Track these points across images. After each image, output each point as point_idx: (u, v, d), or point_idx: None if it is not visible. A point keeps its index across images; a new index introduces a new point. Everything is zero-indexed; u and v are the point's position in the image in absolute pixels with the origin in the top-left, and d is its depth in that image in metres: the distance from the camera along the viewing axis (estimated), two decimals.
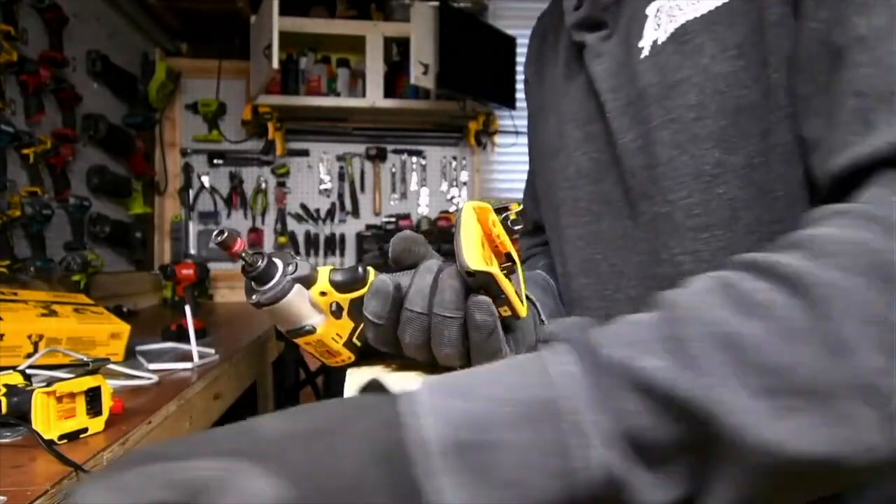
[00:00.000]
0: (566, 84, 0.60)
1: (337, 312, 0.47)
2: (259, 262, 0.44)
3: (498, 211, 0.47)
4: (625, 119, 0.50)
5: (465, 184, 3.15)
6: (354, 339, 0.50)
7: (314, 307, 0.45)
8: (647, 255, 0.50)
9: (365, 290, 0.46)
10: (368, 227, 3.00)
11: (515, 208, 0.47)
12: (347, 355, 0.50)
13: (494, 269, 0.40)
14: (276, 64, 2.27)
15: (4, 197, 1.69)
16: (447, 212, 3.08)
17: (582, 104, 0.57)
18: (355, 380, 0.50)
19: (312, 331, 0.46)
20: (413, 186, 3.12)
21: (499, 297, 0.41)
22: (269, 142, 2.91)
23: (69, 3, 2.01)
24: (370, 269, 0.47)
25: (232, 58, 2.90)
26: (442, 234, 2.98)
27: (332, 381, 1.86)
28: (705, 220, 0.45)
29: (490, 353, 0.42)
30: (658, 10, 0.48)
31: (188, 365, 1.21)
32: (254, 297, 0.44)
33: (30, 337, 1.07)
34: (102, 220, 2.21)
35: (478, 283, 0.41)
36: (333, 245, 3.02)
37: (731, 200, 0.44)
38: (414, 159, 3.12)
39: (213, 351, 1.32)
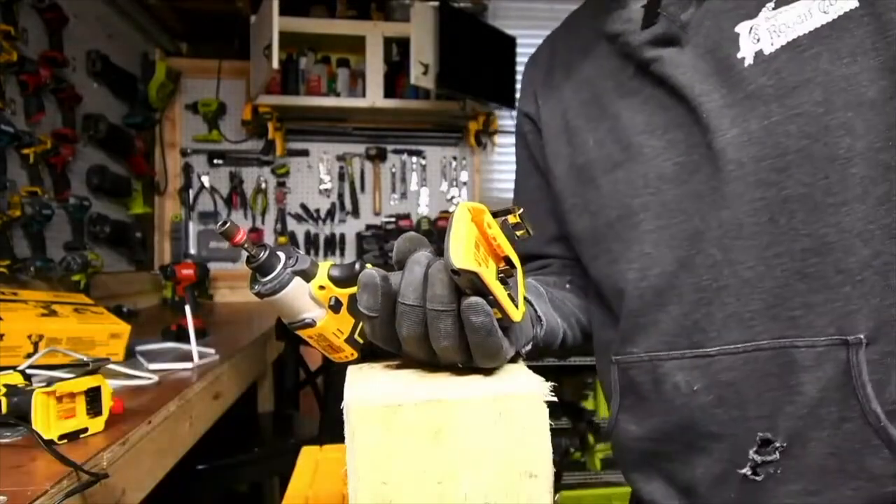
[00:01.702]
0: (624, 99, 0.65)
1: (336, 307, 0.47)
2: (261, 254, 0.44)
3: (496, 214, 0.47)
4: (725, 118, 0.56)
5: (465, 184, 3.15)
6: (356, 336, 0.50)
7: (314, 301, 0.46)
8: (767, 237, 0.55)
9: None
10: (368, 227, 3.00)
11: (517, 212, 0.48)
12: (350, 352, 0.51)
13: (482, 269, 0.40)
14: (276, 64, 2.27)
15: (4, 197, 1.69)
16: (447, 212, 3.08)
17: (656, 114, 0.62)
18: (356, 378, 0.50)
19: (312, 324, 0.47)
20: (413, 186, 3.12)
21: (487, 297, 0.41)
22: (269, 142, 2.91)
23: (69, 3, 2.01)
24: (368, 265, 0.47)
25: (232, 58, 2.91)
26: (442, 234, 2.97)
27: (332, 381, 1.86)
28: (843, 196, 0.52)
29: (491, 353, 0.44)
30: (752, 28, 0.56)
31: (188, 365, 1.21)
32: (255, 287, 0.45)
33: (30, 337, 1.07)
34: (102, 220, 2.21)
35: (464, 283, 0.41)
36: (333, 245, 3.02)
37: (863, 178, 0.51)
38: (414, 159, 3.12)
39: (213, 351, 1.32)
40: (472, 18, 2.80)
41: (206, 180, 2.97)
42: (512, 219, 0.47)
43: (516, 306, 0.45)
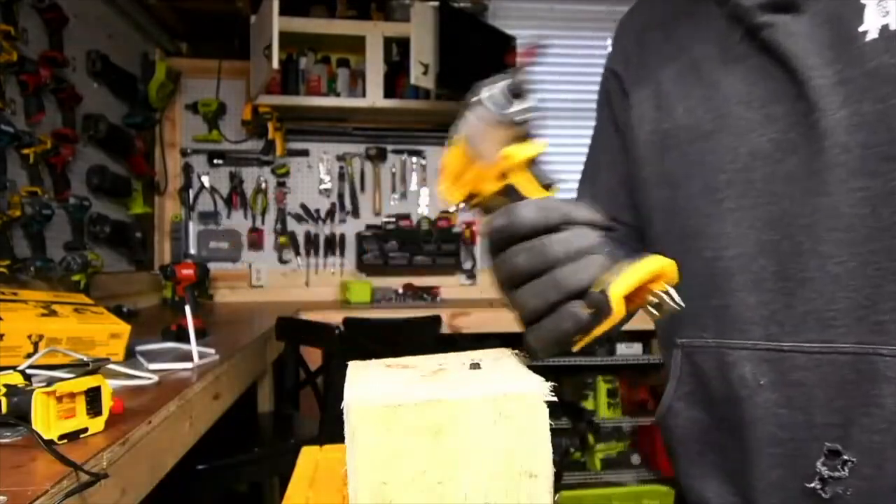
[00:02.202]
0: (727, 66, 0.59)
1: (500, 178, 0.46)
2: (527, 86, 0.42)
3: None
4: (836, 97, 0.51)
5: None
6: (473, 191, 0.48)
7: (496, 149, 0.44)
8: (864, 231, 0.51)
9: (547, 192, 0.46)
10: (368, 227, 3.00)
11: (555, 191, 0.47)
12: (458, 194, 0.50)
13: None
14: (276, 64, 2.27)
15: (4, 197, 1.69)
16: (447, 212, 3.08)
17: (759, 84, 0.56)
18: (356, 377, 0.50)
19: (475, 159, 0.45)
20: (413, 186, 3.12)
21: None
22: (269, 142, 2.91)
23: (69, 3, 2.01)
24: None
25: (232, 58, 2.90)
26: (442, 234, 2.98)
27: (332, 381, 1.86)
28: None
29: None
30: (880, 0, 0.50)
31: (188, 365, 1.21)
32: (510, 108, 0.42)
33: (30, 337, 1.07)
34: (102, 220, 2.21)
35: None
36: (333, 245, 3.02)
37: None
38: (414, 159, 3.12)
39: (213, 351, 1.32)
40: (472, 18, 2.80)
41: (206, 180, 2.97)
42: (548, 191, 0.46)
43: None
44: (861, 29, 0.51)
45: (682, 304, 0.44)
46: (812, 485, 0.53)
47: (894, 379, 0.49)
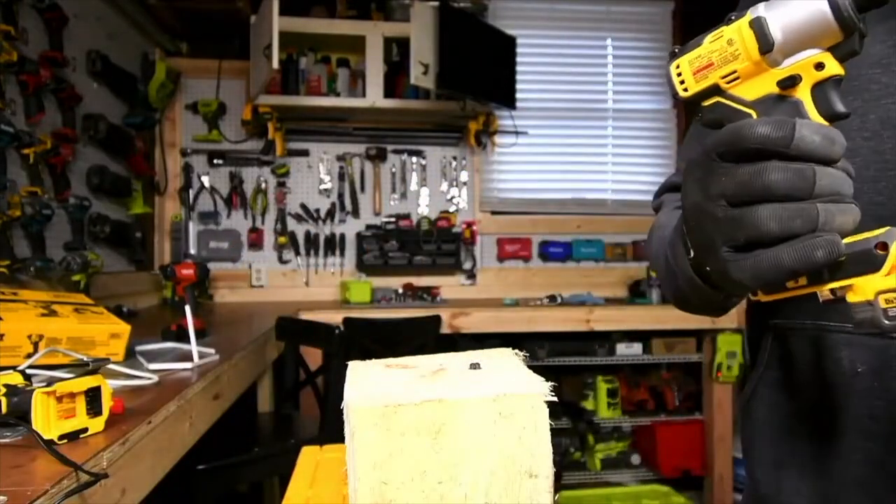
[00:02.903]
0: (872, 25, 0.52)
1: (783, 71, 0.40)
2: None
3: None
4: None
5: (465, 184, 3.15)
6: (719, 88, 0.43)
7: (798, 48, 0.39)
8: None
9: None
10: (368, 227, 3.00)
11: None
12: (688, 85, 0.44)
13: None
14: (276, 64, 2.27)
15: (4, 197, 1.69)
16: (447, 212, 3.08)
17: (894, 50, 0.52)
18: (356, 377, 0.50)
19: (765, 52, 0.40)
20: (413, 186, 3.12)
21: None
22: (269, 142, 2.91)
23: (69, 3, 2.01)
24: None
25: (232, 58, 2.91)
26: (442, 234, 2.98)
27: (332, 381, 1.86)
28: None
29: None
30: None
31: (188, 365, 1.21)
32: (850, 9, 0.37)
33: (30, 337, 1.07)
34: (102, 220, 2.21)
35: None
36: (333, 245, 3.02)
37: None
38: (414, 159, 3.12)
39: (213, 351, 1.32)
40: (472, 18, 2.80)
41: (206, 180, 2.97)
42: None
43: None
44: None
45: None
46: None
47: None
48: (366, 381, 0.49)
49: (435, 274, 3.04)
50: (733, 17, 0.41)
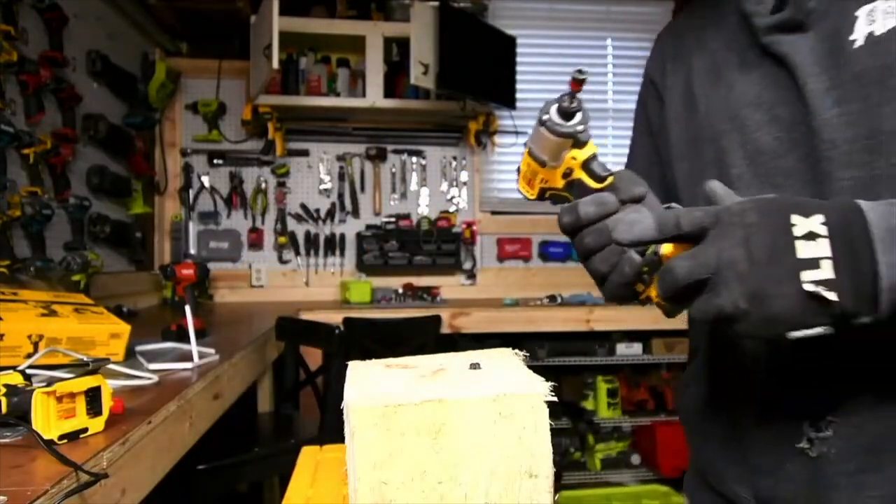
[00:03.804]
0: (741, 73, 0.66)
1: (564, 174, 0.58)
2: (577, 108, 0.53)
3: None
4: (828, 99, 0.58)
5: (465, 184, 3.15)
6: (545, 187, 0.61)
7: (559, 155, 0.56)
8: None
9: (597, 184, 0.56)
10: (368, 227, 3.00)
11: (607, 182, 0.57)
12: (531, 192, 0.63)
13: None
14: (276, 64, 2.27)
15: (4, 197, 1.69)
16: (447, 212, 3.08)
17: (768, 89, 0.63)
18: (356, 377, 0.50)
19: (543, 163, 0.57)
20: (413, 186, 3.12)
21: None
22: (269, 142, 2.91)
23: (69, 3, 2.01)
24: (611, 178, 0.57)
25: (232, 58, 2.91)
26: (442, 234, 2.98)
27: (332, 381, 1.86)
28: None
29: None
30: (871, 11, 0.56)
31: (188, 365, 1.21)
32: (557, 121, 0.53)
33: (30, 337, 1.07)
34: (102, 220, 2.21)
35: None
36: (333, 245, 3.02)
37: None
38: (414, 159, 3.12)
39: (213, 351, 1.32)
40: (472, 18, 2.80)
41: (206, 180, 2.97)
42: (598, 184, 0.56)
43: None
44: (851, 38, 0.57)
45: None
46: (801, 444, 0.59)
47: (870, 342, 0.53)
48: (366, 381, 0.49)
49: (435, 274, 3.04)
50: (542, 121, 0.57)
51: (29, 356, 1.02)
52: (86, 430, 0.76)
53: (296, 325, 2.08)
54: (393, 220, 3.02)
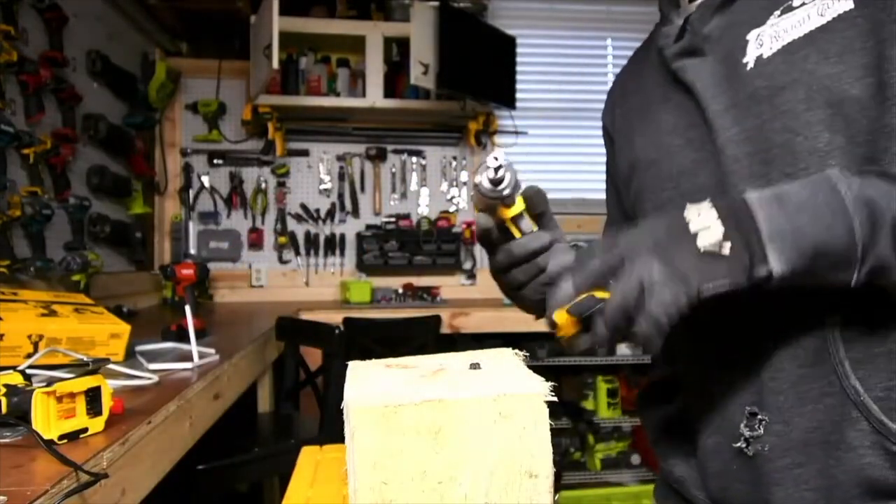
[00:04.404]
0: (663, 105, 0.72)
1: (498, 226, 0.64)
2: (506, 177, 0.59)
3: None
4: (727, 118, 0.62)
5: (465, 184, 3.15)
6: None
7: (493, 214, 0.63)
8: None
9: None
10: (368, 227, 3.00)
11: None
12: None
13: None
14: (276, 64, 2.27)
15: (4, 197, 1.69)
16: (447, 212, 3.08)
17: (681, 116, 0.69)
18: (356, 378, 0.50)
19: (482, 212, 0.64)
20: (413, 186, 3.12)
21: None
22: (269, 142, 2.91)
23: (69, 3, 2.01)
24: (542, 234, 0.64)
25: (232, 58, 2.91)
26: (442, 234, 2.98)
27: (332, 381, 1.86)
28: None
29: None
30: (759, 35, 0.62)
31: (188, 365, 1.21)
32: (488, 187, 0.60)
33: (30, 337, 1.07)
34: (102, 220, 2.21)
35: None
36: (333, 245, 3.02)
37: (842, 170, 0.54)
38: (414, 159, 3.12)
39: (213, 351, 1.32)
40: (472, 18, 2.80)
41: (206, 180, 2.97)
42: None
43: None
44: (744, 60, 0.62)
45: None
46: (738, 444, 0.61)
47: (791, 345, 0.58)
48: (366, 381, 0.49)
49: (435, 274, 3.04)
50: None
51: (29, 356, 1.02)
52: (86, 430, 0.76)
53: (296, 325, 2.08)
54: (393, 220, 3.02)
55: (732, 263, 0.49)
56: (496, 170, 0.58)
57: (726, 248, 0.49)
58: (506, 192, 0.59)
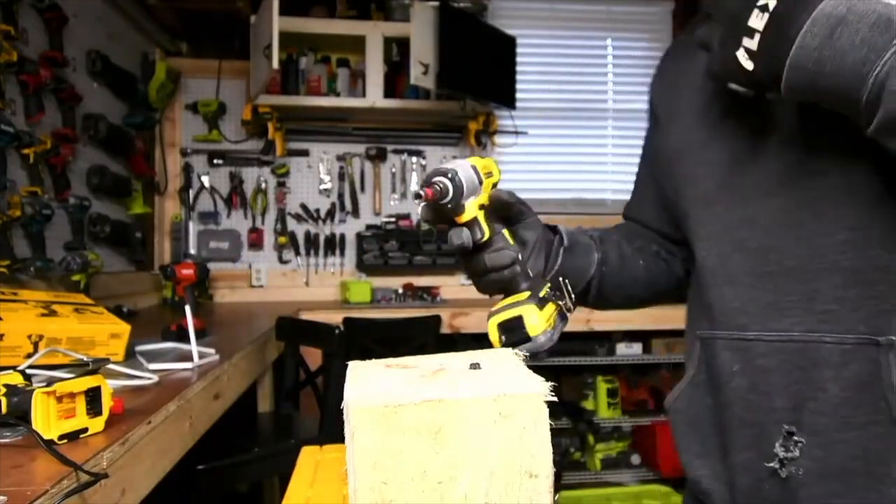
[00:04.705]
0: (715, 94, 0.67)
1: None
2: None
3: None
4: (789, 112, 0.58)
5: None
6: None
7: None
8: (812, 224, 0.57)
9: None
10: (368, 227, 3.00)
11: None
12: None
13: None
14: (276, 64, 2.27)
15: (4, 197, 1.69)
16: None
17: (732, 108, 0.64)
18: (356, 378, 0.50)
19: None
20: (413, 186, 3.12)
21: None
22: (269, 142, 2.91)
23: (69, 3, 2.00)
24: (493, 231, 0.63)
25: (232, 58, 2.91)
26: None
27: (332, 381, 1.86)
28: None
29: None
30: None
31: (188, 365, 1.21)
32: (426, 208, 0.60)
33: (30, 337, 1.07)
34: (102, 220, 2.21)
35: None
36: (333, 245, 3.02)
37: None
38: (414, 159, 3.12)
39: (213, 351, 1.32)
40: (472, 18, 2.80)
41: (206, 180, 2.97)
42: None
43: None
44: None
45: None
46: (771, 464, 0.58)
47: (836, 365, 0.53)
48: (366, 381, 0.49)
49: (435, 274, 3.04)
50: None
51: (29, 356, 1.02)
52: (86, 430, 0.76)
53: (296, 325, 2.08)
54: (393, 220, 3.02)
55: (751, 78, 0.49)
56: (427, 184, 0.57)
57: (749, 65, 0.48)
58: (450, 205, 0.58)
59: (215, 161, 2.96)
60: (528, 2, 3.22)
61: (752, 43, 0.48)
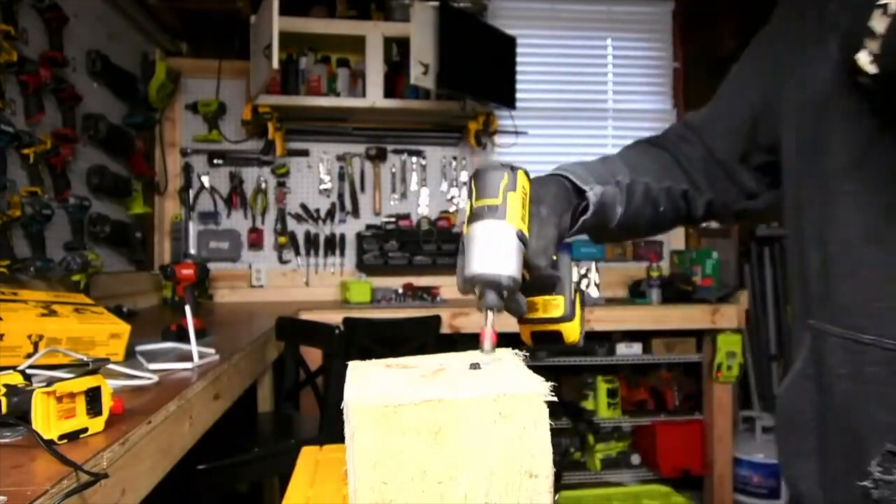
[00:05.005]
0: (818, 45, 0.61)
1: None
2: None
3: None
4: None
5: (465, 184, 3.14)
6: None
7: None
8: None
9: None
10: (368, 227, 3.00)
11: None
12: None
13: None
14: (276, 64, 2.27)
15: (4, 197, 1.69)
16: (447, 212, 3.08)
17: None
18: (356, 378, 0.50)
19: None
20: (413, 186, 3.12)
21: None
22: (269, 142, 2.91)
23: (69, 3, 2.00)
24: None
25: (232, 58, 2.91)
26: (442, 234, 2.98)
27: (332, 381, 1.86)
28: None
29: None
30: None
31: (188, 365, 1.21)
32: None
33: (30, 337, 1.07)
34: (102, 220, 2.21)
35: None
36: (333, 245, 3.02)
37: None
38: (414, 159, 3.12)
39: (213, 351, 1.32)
40: (472, 18, 2.80)
41: (206, 180, 2.97)
42: None
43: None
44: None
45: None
46: (864, 483, 0.53)
47: None
48: (366, 381, 0.49)
49: (435, 274, 3.03)
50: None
51: (29, 356, 1.02)
52: (86, 430, 0.76)
53: (296, 325, 2.08)
54: (393, 220, 3.02)
55: (875, 79, 0.48)
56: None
57: (873, 69, 0.48)
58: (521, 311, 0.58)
59: (215, 161, 2.96)
60: (528, 2, 3.22)
61: (875, 46, 0.46)
